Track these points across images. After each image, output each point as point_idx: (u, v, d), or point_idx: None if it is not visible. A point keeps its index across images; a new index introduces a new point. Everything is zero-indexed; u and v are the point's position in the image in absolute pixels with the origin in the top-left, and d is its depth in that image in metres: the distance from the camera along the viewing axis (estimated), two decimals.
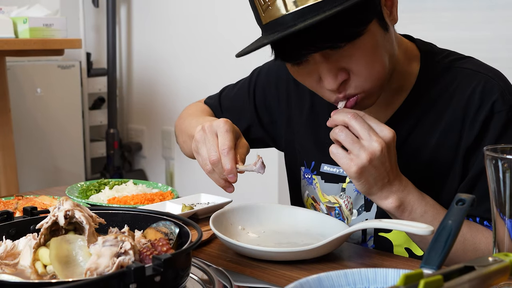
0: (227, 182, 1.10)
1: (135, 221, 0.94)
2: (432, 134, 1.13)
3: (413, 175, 1.12)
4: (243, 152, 1.10)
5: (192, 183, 3.11)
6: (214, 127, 1.10)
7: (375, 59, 1.04)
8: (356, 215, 1.19)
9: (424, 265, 0.68)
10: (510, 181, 0.76)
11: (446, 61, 1.16)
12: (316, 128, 1.26)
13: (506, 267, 0.68)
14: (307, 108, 1.28)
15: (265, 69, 1.39)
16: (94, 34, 3.43)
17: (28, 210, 0.95)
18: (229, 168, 1.06)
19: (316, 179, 1.25)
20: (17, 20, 2.39)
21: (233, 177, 1.07)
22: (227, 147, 1.07)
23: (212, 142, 1.09)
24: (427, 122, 1.14)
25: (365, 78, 1.04)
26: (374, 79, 1.05)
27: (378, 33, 1.03)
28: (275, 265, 0.98)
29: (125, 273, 0.71)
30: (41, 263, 0.81)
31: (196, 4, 3.00)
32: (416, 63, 1.17)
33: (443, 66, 1.15)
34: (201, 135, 1.11)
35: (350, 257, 1.04)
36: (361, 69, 1.03)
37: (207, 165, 1.09)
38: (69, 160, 3.15)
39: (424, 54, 1.17)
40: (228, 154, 1.06)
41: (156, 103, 3.29)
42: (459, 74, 1.14)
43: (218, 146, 1.08)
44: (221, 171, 1.08)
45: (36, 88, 2.99)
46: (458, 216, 0.73)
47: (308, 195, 1.28)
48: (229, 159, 1.06)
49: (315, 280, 0.69)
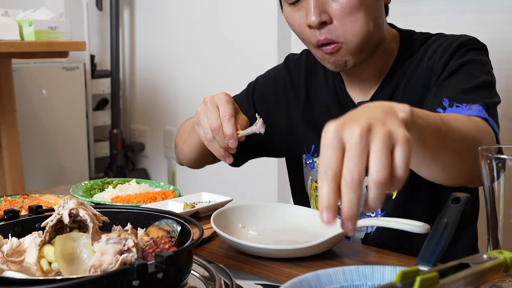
0: (226, 152, 1.13)
1: (138, 219, 0.94)
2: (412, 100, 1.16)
3: None
4: (242, 123, 1.13)
5: (193, 182, 3.11)
6: (215, 99, 1.13)
7: (359, 15, 1.10)
8: None
9: (420, 262, 0.69)
10: (504, 180, 0.76)
11: (421, 37, 1.23)
12: (313, 116, 1.31)
13: (500, 264, 0.68)
14: (303, 101, 1.33)
15: (261, 78, 1.43)
16: (98, 37, 3.43)
17: (34, 208, 0.95)
18: (230, 133, 1.09)
19: (317, 160, 1.27)
20: (22, 23, 2.39)
21: (233, 142, 1.10)
22: (228, 114, 1.10)
23: (213, 111, 1.11)
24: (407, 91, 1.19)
25: (346, 28, 1.10)
26: (355, 34, 1.11)
27: None
28: (274, 262, 0.98)
29: (128, 270, 0.71)
30: (46, 260, 0.81)
31: (198, 7, 3.00)
32: (397, 43, 1.24)
33: (419, 41, 1.23)
34: (202, 107, 1.14)
35: (348, 254, 1.04)
36: (344, 18, 1.10)
37: (208, 133, 1.11)
38: (74, 159, 3.15)
39: (403, 34, 1.25)
40: (229, 120, 1.09)
41: (159, 104, 3.29)
42: (432, 42, 1.21)
43: (220, 115, 1.10)
44: (222, 138, 1.10)
45: (41, 90, 2.99)
46: (453, 215, 0.73)
47: (312, 180, 1.30)
48: (230, 125, 1.09)
49: (314, 277, 0.69)
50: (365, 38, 1.12)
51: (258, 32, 2.69)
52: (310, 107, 1.32)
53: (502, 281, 0.77)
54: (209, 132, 1.11)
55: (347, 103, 1.25)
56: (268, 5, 2.63)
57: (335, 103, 1.27)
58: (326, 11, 1.10)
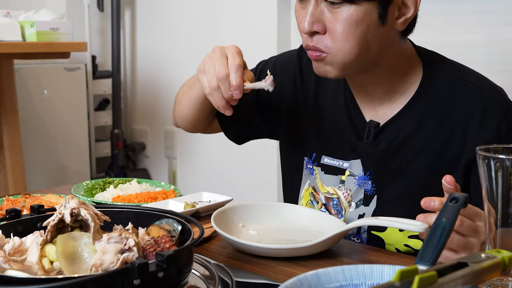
0: (228, 104, 1.09)
1: (139, 219, 0.94)
2: (432, 142, 1.13)
3: (409, 179, 1.12)
4: (249, 77, 1.10)
5: (194, 182, 3.11)
6: (225, 49, 1.10)
7: (353, 36, 1.05)
8: (354, 208, 1.19)
9: (419, 261, 0.69)
10: (502, 179, 0.76)
11: (447, 70, 1.15)
12: (319, 121, 1.26)
13: (498, 263, 0.68)
14: (311, 102, 1.28)
15: (272, 60, 1.39)
16: (99, 38, 3.43)
17: (35, 208, 0.95)
18: (237, 83, 1.06)
19: (317, 170, 1.25)
20: (24, 24, 2.39)
21: (238, 93, 1.07)
22: (236, 64, 1.07)
23: (221, 60, 1.08)
24: (427, 129, 1.13)
25: (335, 43, 1.06)
26: (343, 51, 1.06)
27: (370, 17, 1.05)
28: (274, 261, 0.98)
29: (129, 269, 0.71)
30: (47, 259, 0.81)
31: (198, 8, 3.00)
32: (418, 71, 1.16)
33: (445, 75, 1.14)
34: (210, 56, 1.10)
35: (347, 253, 1.04)
36: (336, 33, 1.05)
37: (212, 81, 1.08)
38: (75, 159, 3.15)
39: (426, 62, 1.16)
40: (237, 70, 1.06)
41: (159, 104, 3.29)
42: (460, 86, 1.13)
43: (228, 65, 1.07)
44: (227, 88, 1.07)
45: (43, 90, 2.99)
46: (451, 214, 0.73)
47: (310, 184, 1.28)
48: (238, 75, 1.06)
49: (313, 276, 0.69)
50: (353, 57, 1.07)
51: (258, 33, 2.68)
52: (317, 111, 1.26)
53: (500, 280, 0.77)
54: (214, 81, 1.07)
55: (357, 120, 1.20)
56: (268, 6, 2.63)
57: (346, 117, 1.21)
58: (321, 20, 1.06)
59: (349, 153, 1.20)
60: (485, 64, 1.32)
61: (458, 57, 1.22)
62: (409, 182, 1.14)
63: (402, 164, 1.15)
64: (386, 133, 1.17)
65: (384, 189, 1.17)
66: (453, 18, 2.15)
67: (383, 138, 1.17)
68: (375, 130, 1.17)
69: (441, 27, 2.17)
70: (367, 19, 1.04)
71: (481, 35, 2.08)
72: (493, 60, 2.03)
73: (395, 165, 1.16)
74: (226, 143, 1.49)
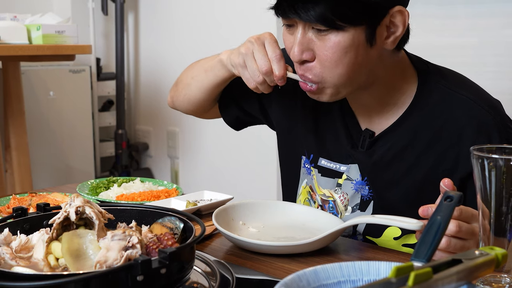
0: (272, 87, 1.12)
1: (142, 217, 0.94)
2: (426, 155, 1.10)
3: (402, 190, 1.11)
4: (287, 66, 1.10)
5: (195, 181, 3.11)
6: (262, 38, 1.10)
7: (342, 62, 1.02)
8: (350, 212, 1.18)
9: (414, 258, 0.68)
10: (495, 179, 0.76)
11: (442, 82, 1.12)
12: (317, 123, 1.24)
13: (491, 260, 0.68)
14: (311, 103, 1.24)
15: None
16: (104, 40, 3.43)
17: (41, 206, 0.95)
18: (280, 74, 1.07)
19: (314, 171, 1.23)
20: (31, 27, 2.39)
21: (282, 82, 1.09)
22: (277, 54, 1.07)
23: (262, 52, 1.08)
24: (421, 142, 1.10)
25: (325, 71, 1.03)
26: (334, 77, 1.04)
27: (358, 42, 1.01)
28: (274, 258, 0.98)
29: (133, 265, 0.71)
30: (53, 256, 0.81)
31: (200, 11, 3.00)
32: (413, 82, 1.13)
33: (440, 87, 1.11)
34: (247, 47, 1.10)
35: (344, 250, 1.04)
36: (325, 62, 1.03)
37: (258, 76, 1.09)
38: (80, 159, 3.15)
39: (421, 73, 1.13)
40: (279, 61, 1.07)
41: (162, 105, 3.29)
42: (455, 100, 1.09)
43: (268, 55, 1.08)
44: (271, 80, 1.08)
45: (49, 92, 2.99)
46: (446, 212, 0.73)
47: (307, 183, 1.26)
48: (281, 66, 1.07)
49: (312, 272, 0.69)
50: (344, 82, 1.05)
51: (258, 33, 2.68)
52: (316, 113, 1.24)
53: (494, 276, 0.77)
54: (259, 74, 1.09)
55: (353, 128, 1.18)
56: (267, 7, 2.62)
57: (342, 124, 1.19)
58: (310, 48, 1.03)
59: (346, 158, 1.18)
60: (477, 65, 1.31)
61: (451, 60, 1.22)
62: (402, 193, 1.12)
63: (396, 176, 1.12)
64: (380, 144, 1.14)
65: (379, 197, 1.15)
66: (447, 21, 2.15)
67: (377, 148, 1.14)
68: (370, 140, 1.14)
69: (436, 30, 2.17)
70: (355, 44, 1.01)
71: (474, 38, 2.08)
72: (486, 61, 2.03)
73: (388, 176, 1.13)
74: (227, 143, 1.49)
